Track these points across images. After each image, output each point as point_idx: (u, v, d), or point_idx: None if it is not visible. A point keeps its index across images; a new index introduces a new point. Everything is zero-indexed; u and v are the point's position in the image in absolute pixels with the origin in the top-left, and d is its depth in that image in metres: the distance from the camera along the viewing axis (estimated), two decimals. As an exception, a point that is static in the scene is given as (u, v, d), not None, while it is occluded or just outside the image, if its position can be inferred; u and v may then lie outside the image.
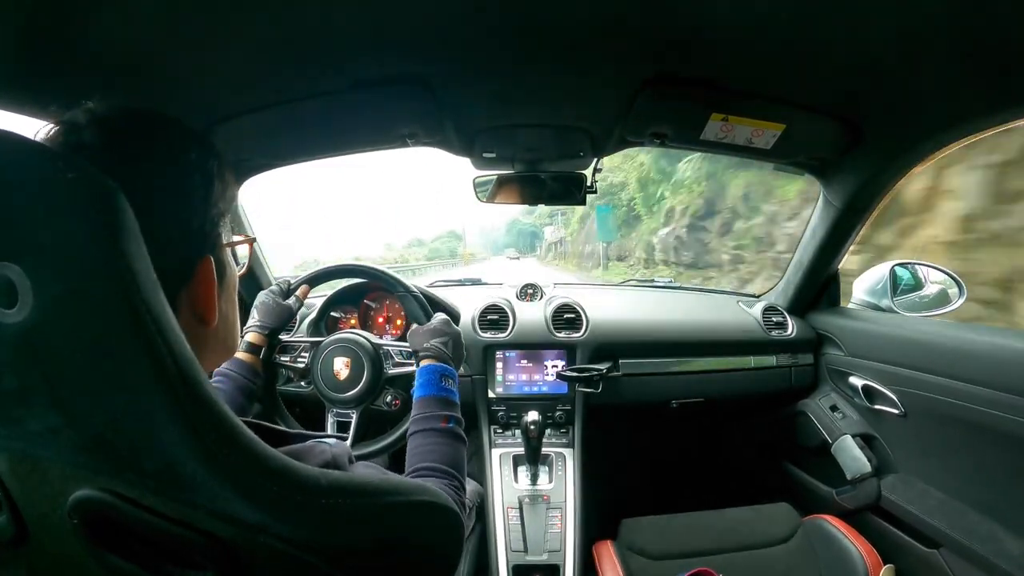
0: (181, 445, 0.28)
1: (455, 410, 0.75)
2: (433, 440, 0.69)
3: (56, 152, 0.28)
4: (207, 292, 0.41)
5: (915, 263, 1.32)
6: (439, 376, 0.77)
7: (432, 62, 0.84)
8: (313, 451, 0.39)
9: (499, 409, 1.34)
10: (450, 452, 0.68)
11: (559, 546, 1.13)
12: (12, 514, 0.33)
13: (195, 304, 0.40)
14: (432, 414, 0.72)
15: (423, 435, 0.69)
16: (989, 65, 0.73)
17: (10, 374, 0.27)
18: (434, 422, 0.71)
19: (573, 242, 25.18)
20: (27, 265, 0.26)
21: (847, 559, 1.04)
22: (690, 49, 0.80)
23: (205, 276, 0.40)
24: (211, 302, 0.41)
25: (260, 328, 0.92)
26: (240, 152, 1.12)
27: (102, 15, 0.62)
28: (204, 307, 0.41)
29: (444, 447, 0.68)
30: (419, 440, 0.69)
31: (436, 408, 0.73)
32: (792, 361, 1.44)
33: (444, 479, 0.63)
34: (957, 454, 1.04)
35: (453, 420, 0.72)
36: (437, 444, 0.68)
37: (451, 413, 0.73)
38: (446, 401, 0.75)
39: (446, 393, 0.76)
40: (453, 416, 0.73)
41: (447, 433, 0.70)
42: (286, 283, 1.01)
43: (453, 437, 0.70)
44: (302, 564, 0.32)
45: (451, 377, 0.79)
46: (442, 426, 0.70)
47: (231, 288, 0.47)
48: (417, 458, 0.66)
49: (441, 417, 0.71)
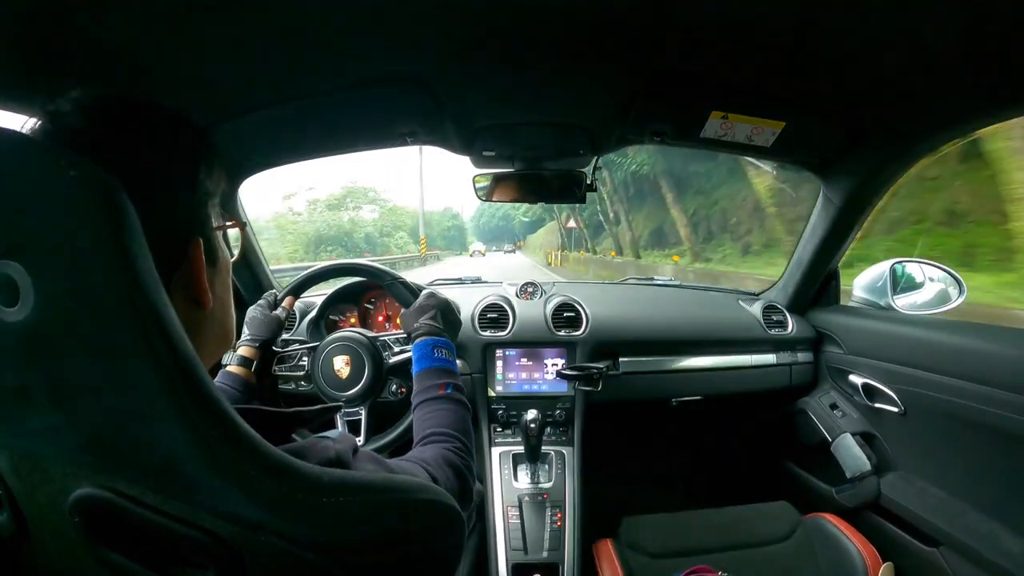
0: (182, 443, 0.28)
1: (453, 377, 0.76)
2: (433, 407, 0.70)
3: (58, 150, 0.28)
4: (199, 275, 0.41)
5: (915, 261, 1.32)
6: (432, 348, 0.78)
7: (432, 61, 0.84)
8: (316, 448, 0.39)
9: (499, 407, 1.34)
10: (451, 416, 0.69)
11: (559, 544, 1.13)
12: (13, 512, 0.33)
13: (188, 288, 0.41)
14: (430, 384, 0.73)
15: (424, 406, 0.71)
16: (989, 64, 0.73)
17: (11, 372, 0.28)
18: (432, 391, 0.72)
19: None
20: (28, 263, 0.26)
21: (847, 557, 1.05)
22: (690, 47, 0.80)
23: (195, 259, 0.41)
24: (203, 284, 0.41)
25: (251, 341, 0.94)
26: (240, 151, 1.12)
27: (102, 15, 0.62)
28: (197, 290, 0.41)
29: (444, 412, 0.69)
30: (421, 412, 0.70)
31: (433, 378, 0.74)
32: (792, 359, 1.44)
33: (448, 442, 0.64)
34: (957, 452, 1.04)
35: (451, 386, 0.73)
36: (437, 410, 0.69)
37: (448, 380, 0.74)
38: (442, 370, 0.76)
39: (440, 363, 0.77)
40: (451, 383, 0.74)
41: (446, 399, 0.71)
42: (273, 296, 1.03)
43: (453, 402, 0.71)
44: (303, 562, 0.32)
45: (444, 347, 0.80)
46: (440, 393, 0.72)
47: (224, 272, 0.47)
48: (421, 427, 0.68)
49: (438, 385, 0.72)
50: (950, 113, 0.89)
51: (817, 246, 1.33)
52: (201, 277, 0.41)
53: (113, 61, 0.72)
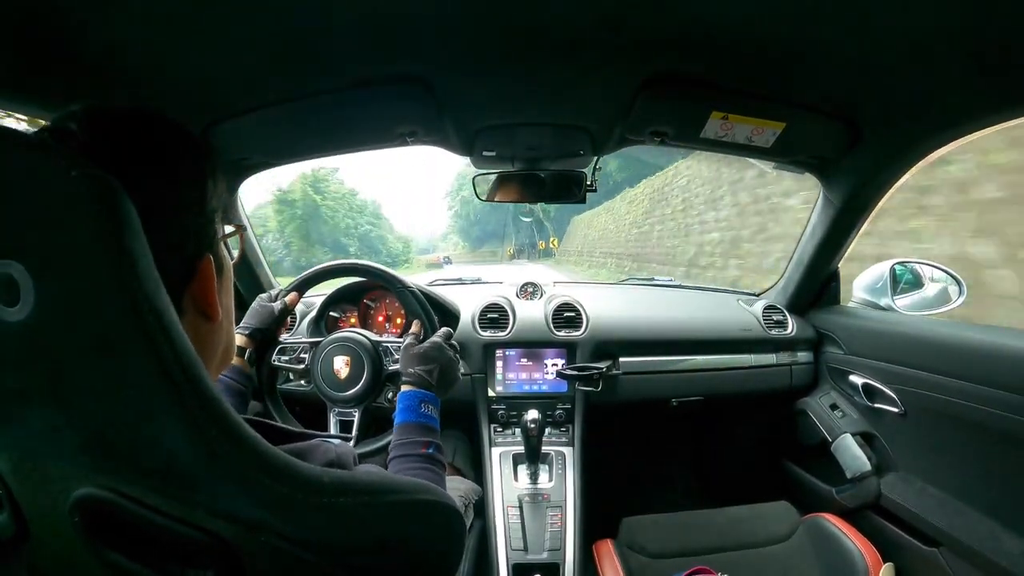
0: (183, 443, 0.28)
1: (434, 436, 0.76)
2: (412, 465, 0.70)
3: (60, 150, 0.28)
4: (208, 289, 0.41)
5: (915, 261, 1.32)
6: (419, 402, 0.78)
7: (432, 62, 0.84)
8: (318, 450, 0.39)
9: (499, 408, 1.34)
10: (430, 476, 0.69)
11: (559, 545, 1.13)
12: (13, 512, 0.33)
13: (198, 302, 0.40)
14: (411, 440, 0.73)
15: (403, 460, 0.71)
16: (988, 64, 0.73)
17: (11, 372, 0.27)
18: (414, 448, 0.72)
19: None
20: (29, 263, 0.26)
21: (847, 557, 1.05)
22: (690, 47, 0.80)
23: (206, 274, 0.40)
24: (213, 298, 0.41)
25: (242, 329, 0.94)
26: (240, 151, 1.12)
27: (102, 15, 0.62)
28: (207, 304, 0.41)
29: (424, 472, 0.70)
30: (399, 465, 0.70)
31: (415, 434, 0.74)
32: (792, 359, 1.44)
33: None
34: (957, 453, 1.04)
35: (432, 446, 0.73)
36: (417, 470, 0.70)
37: (430, 439, 0.74)
38: (425, 428, 0.76)
39: (425, 420, 0.77)
40: (432, 442, 0.74)
41: (426, 459, 0.71)
42: (278, 290, 1.03)
43: (432, 462, 0.72)
44: (303, 562, 0.32)
45: (431, 403, 0.80)
46: (421, 452, 0.72)
47: (228, 279, 0.47)
48: None
49: (421, 443, 0.73)
50: (950, 113, 0.89)
51: (817, 246, 1.33)
52: (212, 292, 0.41)
53: (113, 61, 0.72)
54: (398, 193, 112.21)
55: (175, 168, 0.39)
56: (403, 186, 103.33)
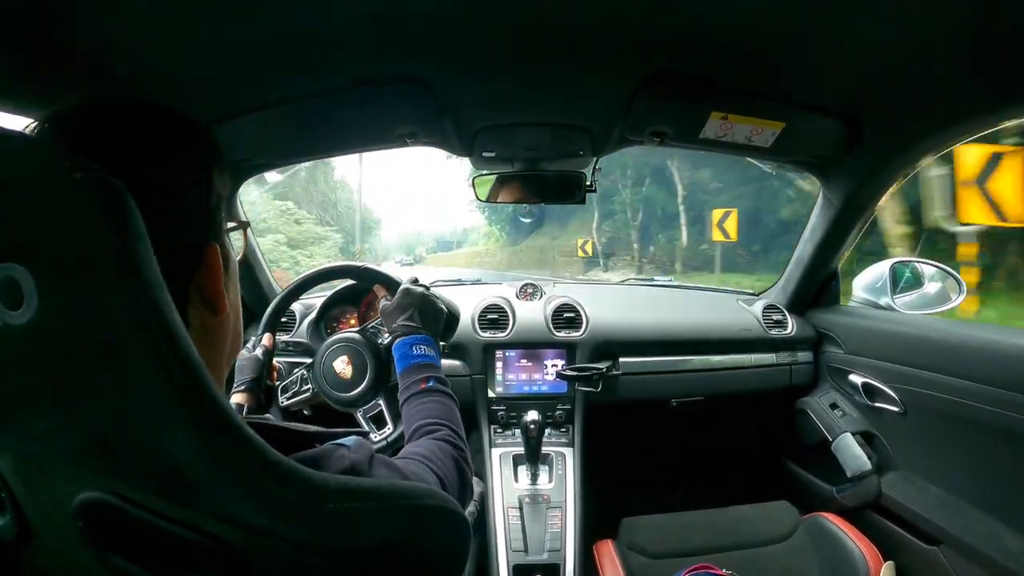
0: (186, 447, 0.28)
1: (434, 370, 0.76)
2: (418, 402, 0.70)
3: (63, 151, 0.28)
4: (215, 280, 0.40)
5: (915, 261, 1.32)
6: (410, 347, 0.78)
7: (432, 62, 0.84)
8: (332, 457, 0.38)
9: (499, 409, 1.34)
10: (438, 407, 0.69)
11: (559, 545, 1.13)
12: (15, 515, 0.33)
13: (205, 295, 0.40)
14: (412, 380, 0.73)
15: (410, 402, 0.71)
16: (988, 64, 0.74)
17: (14, 375, 0.27)
18: (415, 386, 0.72)
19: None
20: (32, 266, 0.26)
21: (847, 557, 1.05)
22: (689, 47, 0.80)
23: (212, 264, 0.40)
24: (220, 290, 0.40)
25: (238, 385, 0.92)
26: (240, 152, 1.12)
27: (101, 15, 0.62)
28: (214, 296, 0.40)
29: (431, 404, 0.70)
30: (408, 408, 0.71)
31: (414, 375, 0.74)
32: (792, 359, 1.44)
33: (439, 430, 0.64)
34: (957, 451, 1.04)
35: (433, 379, 0.73)
36: (423, 403, 0.70)
37: (429, 374, 0.74)
38: (422, 366, 0.76)
39: (419, 359, 0.77)
40: (432, 376, 0.74)
41: (429, 391, 0.71)
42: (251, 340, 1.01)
43: (437, 393, 0.72)
44: (308, 567, 0.32)
45: (423, 343, 0.79)
46: (423, 387, 0.72)
47: (235, 275, 0.46)
48: (410, 422, 0.68)
49: (420, 380, 0.73)
50: (950, 113, 0.89)
51: (817, 246, 1.33)
52: (219, 283, 0.40)
53: (113, 61, 0.72)
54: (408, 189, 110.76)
55: (177, 150, 0.39)
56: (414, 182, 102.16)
